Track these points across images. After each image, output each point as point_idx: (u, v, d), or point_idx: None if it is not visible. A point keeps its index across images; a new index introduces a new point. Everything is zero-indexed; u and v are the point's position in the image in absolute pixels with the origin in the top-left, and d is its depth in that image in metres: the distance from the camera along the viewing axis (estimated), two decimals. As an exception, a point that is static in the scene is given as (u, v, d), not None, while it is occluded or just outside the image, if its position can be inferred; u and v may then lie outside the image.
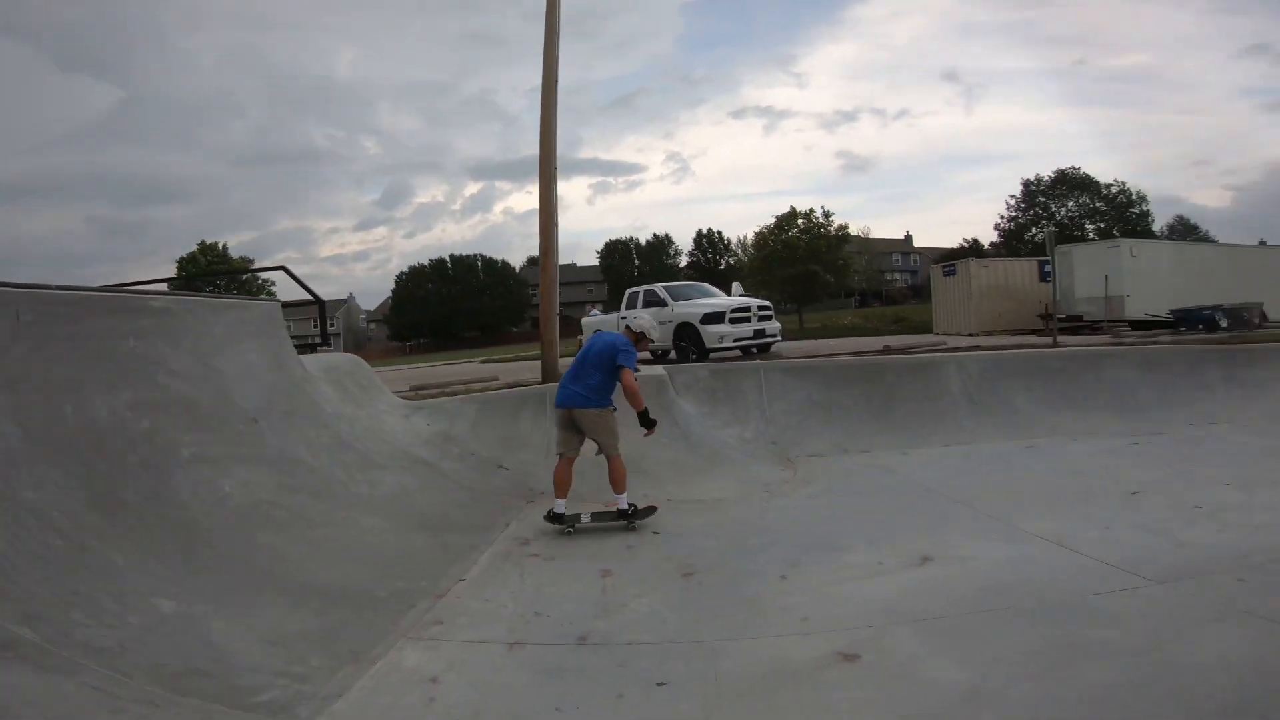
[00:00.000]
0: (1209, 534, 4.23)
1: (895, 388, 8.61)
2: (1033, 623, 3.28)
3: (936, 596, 3.68)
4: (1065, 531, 4.49)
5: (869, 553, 4.50)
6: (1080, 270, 17.44)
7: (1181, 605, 3.29)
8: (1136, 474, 5.77)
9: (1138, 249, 16.90)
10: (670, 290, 14.64)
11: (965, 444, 7.53)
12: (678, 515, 5.82)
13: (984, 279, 20.30)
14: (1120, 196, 53.30)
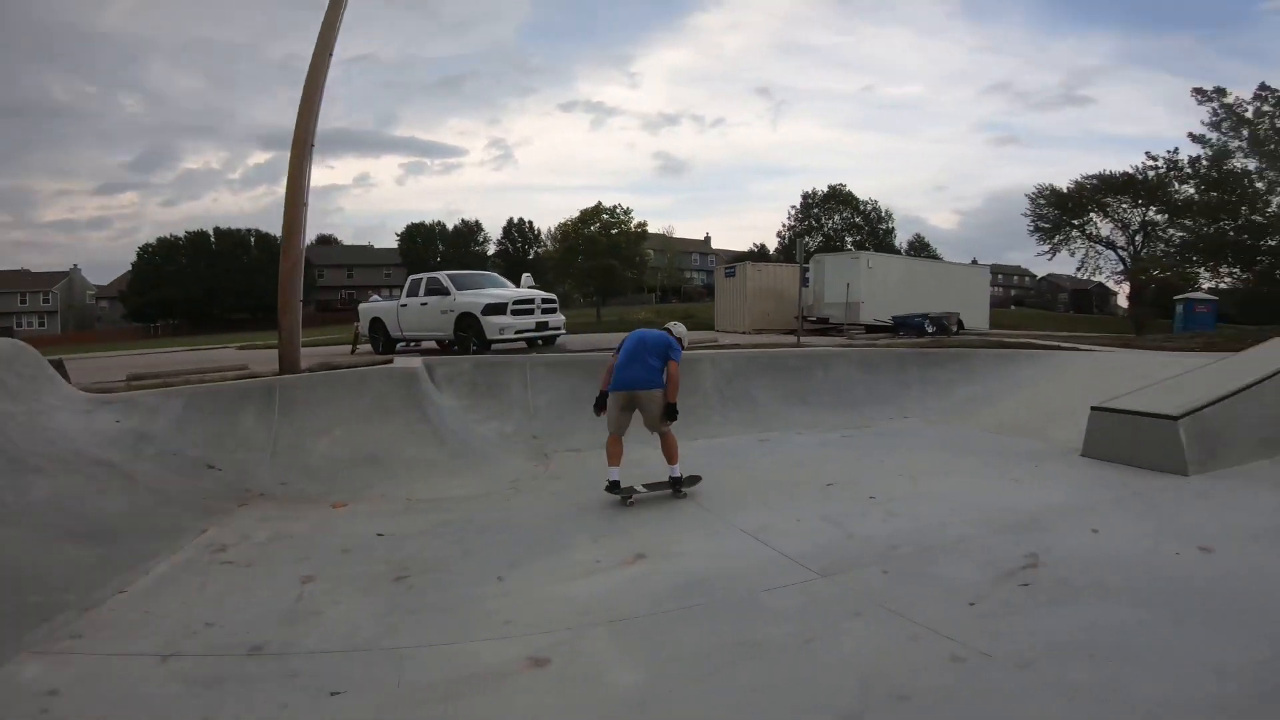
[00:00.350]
0: (875, 524, 4.77)
1: (659, 382, 8.96)
2: (714, 621, 3.42)
3: (640, 595, 3.74)
4: (766, 525, 4.83)
5: (590, 550, 4.53)
6: (829, 278, 19.91)
7: (835, 599, 3.59)
8: (838, 466, 6.51)
9: (873, 261, 19.77)
10: (455, 279, 13.98)
11: (712, 437, 8.04)
12: (410, 516, 5.44)
13: (757, 281, 22.27)
14: (873, 213, 62.37)
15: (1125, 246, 46.15)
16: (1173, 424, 5.61)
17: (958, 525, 4.66)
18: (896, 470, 6.25)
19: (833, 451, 7.12)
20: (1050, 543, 4.21)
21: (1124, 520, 4.61)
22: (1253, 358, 7.41)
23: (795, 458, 6.96)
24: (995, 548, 4.21)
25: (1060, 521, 4.63)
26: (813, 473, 6.28)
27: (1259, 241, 34.43)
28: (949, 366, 10.24)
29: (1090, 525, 4.50)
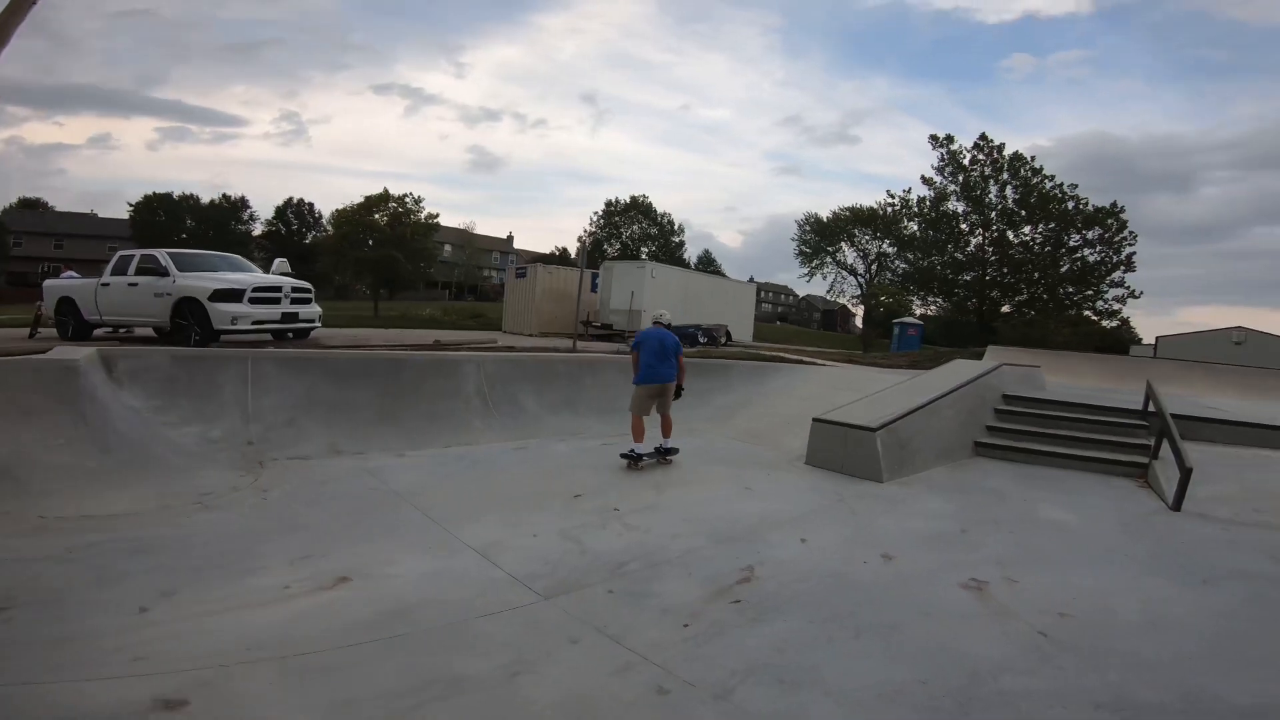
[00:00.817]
0: (611, 538, 4.66)
1: (414, 385, 8.18)
2: (413, 653, 3.01)
3: (329, 625, 3.22)
4: (499, 541, 4.51)
5: (282, 574, 3.82)
6: (616, 285, 20.37)
7: (554, 625, 3.36)
8: (591, 475, 6.37)
9: (657, 271, 20.65)
10: (177, 258, 11.66)
11: (468, 445, 7.50)
12: (38, 537, 4.34)
13: (547, 284, 22.02)
14: (669, 226, 66.04)
15: (864, 274, 54.27)
16: (872, 435, 6.34)
17: (688, 537, 4.73)
18: (648, 478, 6.29)
19: (588, 460, 6.99)
20: (766, 554, 4.42)
21: (829, 528, 5.01)
22: (938, 376, 8.80)
23: (550, 467, 6.70)
24: (717, 560, 4.31)
25: (777, 531, 4.90)
26: (564, 483, 6.06)
27: (958, 276, 42.52)
28: (710, 376, 10.81)
29: (802, 534, 4.83)
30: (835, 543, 4.69)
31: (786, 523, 5.12)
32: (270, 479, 5.85)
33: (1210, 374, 17.71)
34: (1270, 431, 7.64)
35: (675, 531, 4.86)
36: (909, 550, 4.51)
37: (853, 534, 4.89)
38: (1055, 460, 7.10)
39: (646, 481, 6.23)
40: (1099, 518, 5.27)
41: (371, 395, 7.72)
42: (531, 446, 7.54)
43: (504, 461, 6.85)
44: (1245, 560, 4.23)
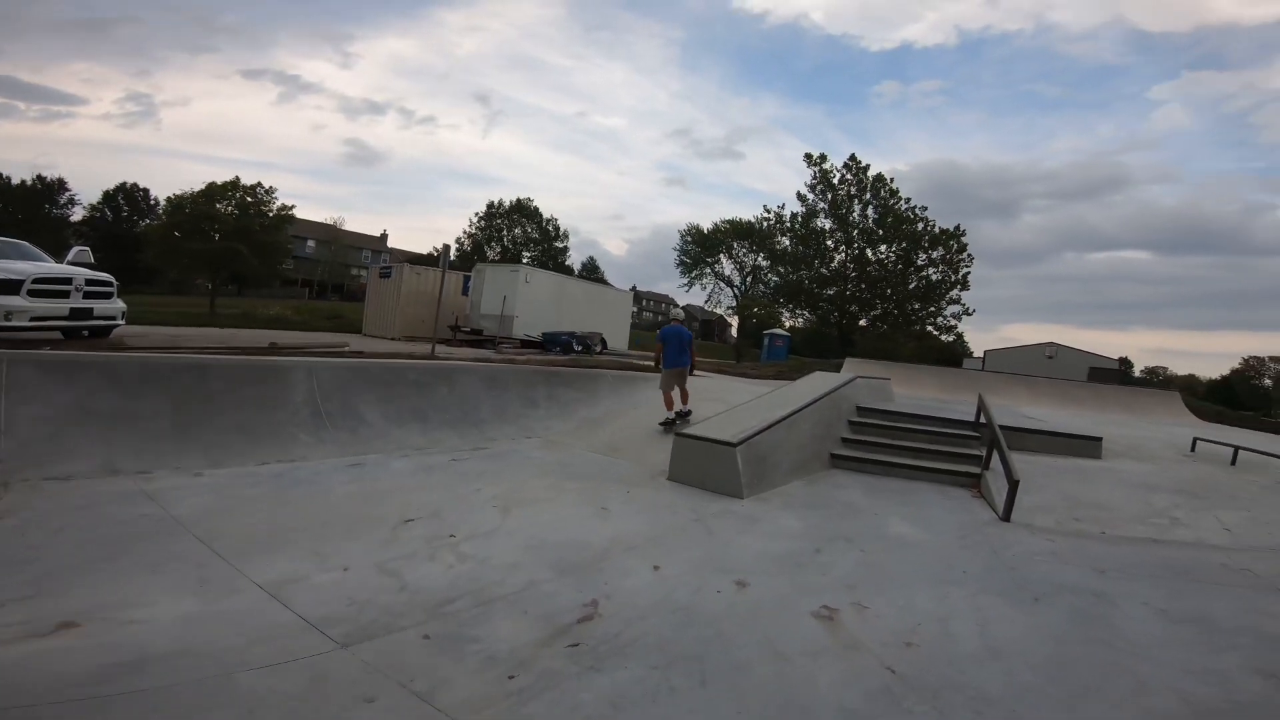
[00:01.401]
0: (439, 571, 4.09)
1: (222, 394, 7.00)
2: (138, 715, 2.40)
3: (31, 678, 2.56)
4: (297, 576, 3.81)
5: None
6: (488, 289, 19.42)
7: (348, 680, 2.79)
8: (431, 496, 5.71)
9: (531, 276, 19.92)
10: (-59, 245, 9.64)
11: (290, 462, 6.52)
12: None
13: (414, 285, 20.64)
14: (553, 230, 65.09)
15: (739, 285, 56.50)
16: (732, 450, 6.19)
17: (531, 567, 4.26)
18: (493, 499, 5.72)
19: (434, 478, 6.30)
20: (614, 585, 4.04)
21: (684, 551, 4.72)
22: (798, 389, 8.94)
23: (384, 487, 5.94)
24: (560, 594, 3.87)
25: (630, 557, 4.54)
26: (396, 505, 5.36)
27: (823, 290, 45.29)
28: (577, 386, 10.39)
29: (655, 559, 4.49)
30: (689, 568, 4.39)
31: (640, 546, 4.77)
32: (11, 503, 4.68)
33: (1029, 386, 19.84)
34: (1080, 441, 8.42)
35: (516, 561, 4.37)
36: (763, 574, 4.31)
37: (708, 557, 4.62)
38: (902, 471, 7.36)
39: (492, 501, 5.66)
40: (940, 531, 5.40)
41: (166, 405, 6.51)
42: (368, 463, 6.70)
43: (329, 481, 5.99)
44: (1069, 573, 4.41)
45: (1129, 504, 6.40)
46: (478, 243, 61.55)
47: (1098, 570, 4.48)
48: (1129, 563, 4.73)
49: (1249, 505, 6.44)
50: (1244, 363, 75.30)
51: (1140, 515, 6.10)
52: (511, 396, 9.49)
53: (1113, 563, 4.71)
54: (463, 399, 8.87)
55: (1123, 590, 4.08)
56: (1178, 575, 4.47)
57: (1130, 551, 5.06)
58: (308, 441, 7.08)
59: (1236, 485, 7.15)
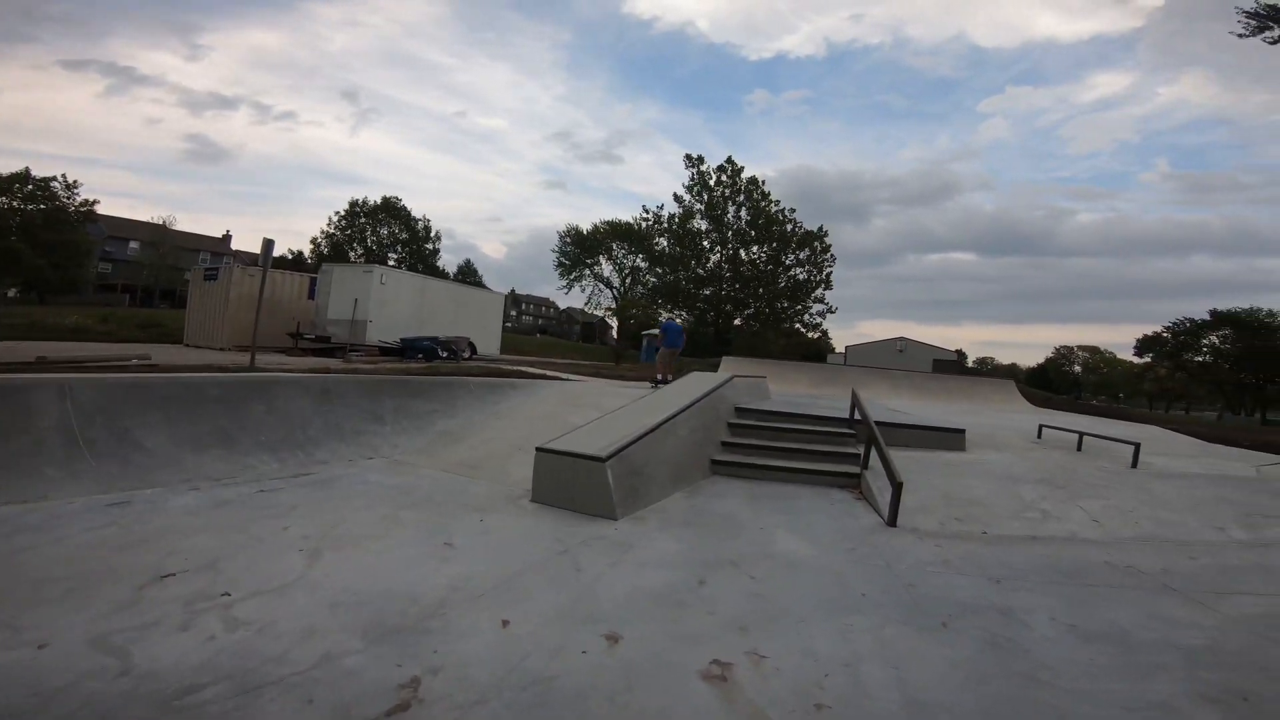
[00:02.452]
0: (190, 644, 2.98)
1: (-73, 427, 5.25)
2: None
3: None
4: None
5: None
6: (336, 291, 17.38)
7: None
8: (212, 541, 4.42)
9: (387, 277, 18.08)
10: None
11: (20, 504, 4.92)
12: None
13: (246, 288, 18.08)
14: (423, 231, 61.46)
15: (619, 287, 56.32)
16: (601, 466, 5.41)
17: (332, 634, 3.22)
18: (301, 541, 4.54)
19: (224, 516, 4.97)
20: (447, 652, 3.10)
21: (544, 595, 3.85)
22: (674, 391, 8.35)
23: (149, 531, 4.56)
24: (365, 672, 2.88)
25: (473, 610, 3.60)
26: (157, 555, 4.07)
27: (699, 290, 46.07)
28: (432, 396, 9.19)
29: (505, 611, 3.59)
30: (548, 620, 3.53)
31: (488, 593, 3.84)
32: None
33: (889, 379, 20.92)
34: (946, 434, 8.50)
35: (313, 625, 3.31)
36: (640, 621, 3.53)
37: (573, 603, 3.78)
38: (783, 475, 6.95)
39: (299, 543, 4.48)
40: (829, 543, 4.93)
41: None
42: (137, 501, 5.22)
43: (70, 527, 4.50)
44: (966, 586, 4.04)
45: (1000, 498, 6.34)
46: (338, 244, 56.86)
47: (992, 580, 4.15)
48: (1018, 567, 4.47)
49: (1106, 493, 6.61)
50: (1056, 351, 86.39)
51: (1013, 510, 6.03)
52: (351, 411, 8.14)
53: (1003, 569, 4.43)
54: (285, 417, 7.43)
55: (1024, 603, 3.74)
56: (1069, 579, 4.24)
57: (1014, 553, 4.85)
58: (54, 477, 5.46)
59: (1089, 473, 7.41)
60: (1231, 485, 7.07)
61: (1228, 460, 9.10)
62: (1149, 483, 7.14)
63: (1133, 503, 6.42)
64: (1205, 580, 4.27)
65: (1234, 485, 7.07)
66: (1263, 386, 50.08)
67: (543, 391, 10.34)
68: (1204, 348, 51.92)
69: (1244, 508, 6.17)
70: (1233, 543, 5.27)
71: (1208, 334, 51.05)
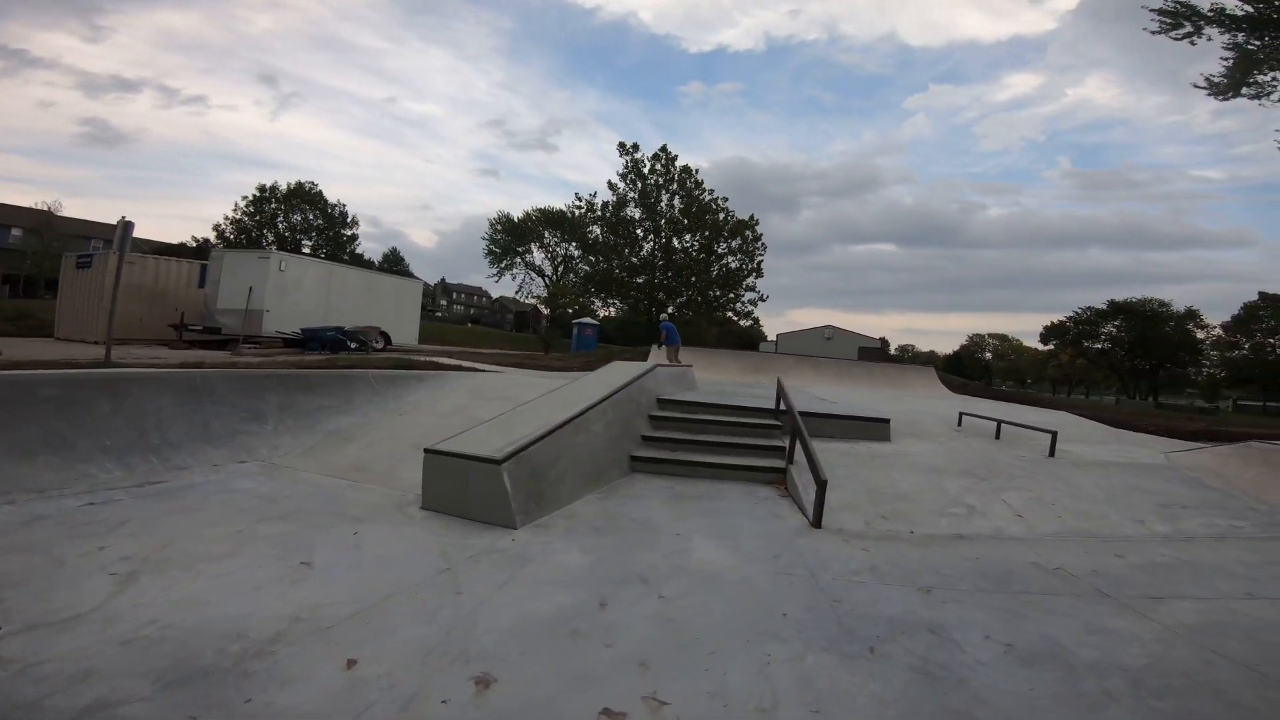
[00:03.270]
0: None
1: None
2: None
3: None
4: None
5: None
6: (227, 279, 15.82)
7: None
8: (6, 561, 3.59)
9: (288, 263, 16.59)
10: None
11: None
12: None
13: (128, 276, 16.29)
14: (339, 217, 58.19)
15: (551, 275, 55.13)
16: (497, 469, 4.78)
17: (113, 678, 2.60)
18: (117, 563, 3.73)
19: (28, 536, 4.04)
20: (261, 703, 2.50)
21: (409, 628, 3.21)
22: (592, 382, 7.78)
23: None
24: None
25: (312, 645, 2.95)
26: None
27: (633, 279, 45.50)
28: (326, 391, 8.27)
29: (355, 647, 2.95)
30: (408, 658, 2.90)
31: (339, 624, 3.18)
32: None
33: (815, 366, 21.05)
34: (871, 424, 8.30)
35: (93, 665, 2.64)
36: (523, 658, 2.95)
37: (443, 635, 3.17)
38: (707, 471, 6.52)
39: (114, 565, 3.67)
40: (751, 551, 4.48)
41: None
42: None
43: None
44: (895, 599, 3.66)
45: (926, 493, 6.11)
46: (244, 229, 53.10)
47: (922, 590, 3.80)
48: (947, 573, 4.15)
49: (1027, 485, 6.49)
50: (969, 339, 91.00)
51: (939, 506, 5.79)
52: (224, 410, 7.17)
53: (933, 575, 4.10)
54: (138, 418, 6.41)
55: (956, 618, 3.39)
56: (999, 587, 3.94)
57: (942, 556, 4.55)
58: None
59: (1009, 462, 7.33)
60: (1145, 473, 7.13)
61: (1137, 446, 9.34)
62: (1067, 472, 7.12)
63: (1053, 494, 6.32)
64: (1136, 583, 4.07)
65: (1147, 473, 7.13)
66: (1155, 371, 54.16)
67: (452, 384, 9.57)
68: (1102, 335, 55.62)
69: (1159, 497, 6.16)
70: (1155, 537, 5.17)
71: (1106, 323, 54.70)
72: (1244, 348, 52.58)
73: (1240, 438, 13.88)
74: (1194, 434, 14.65)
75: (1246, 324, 52.11)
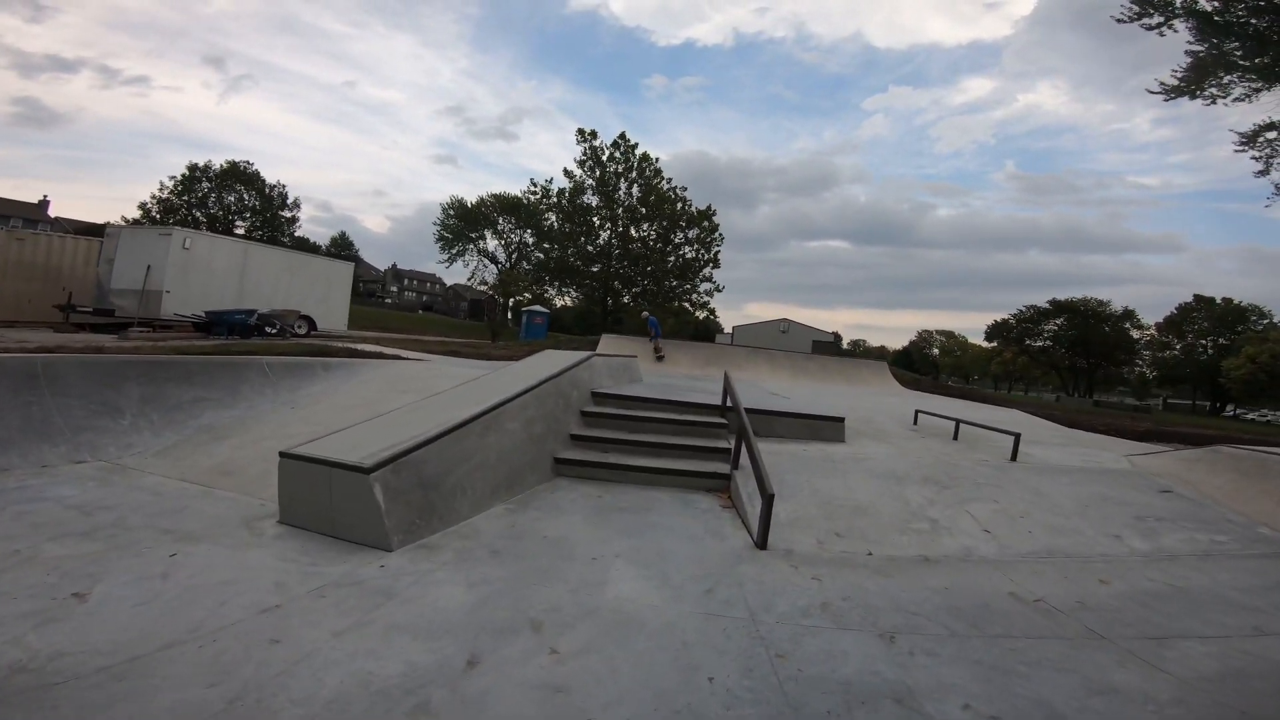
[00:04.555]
0: None
1: None
2: None
3: None
4: None
5: None
6: (124, 258, 14.21)
7: None
8: None
9: (194, 240, 15.01)
10: None
11: None
12: None
13: (13, 254, 14.56)
14: (278, 198, 55.31)
15: (504, 262, 53.50)
16: (365, 478, 3.84)
17: None
18: None
19: None
20: None
21: (173, 697, 2.28)
22: (515, 372, 6.86)
23: None
24: None
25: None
26: None
27: (588, 267, 44.33)
28: (206, 381, 7.13)
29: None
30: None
31: (69, 682, 2.24)
32: None
33: (770, 359, 20.50)
34: (824, 423, 7.62)
35: None
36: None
37: (224, 705, 2.26)
38: (640, 477, 5.71)
39: None
40: (681, 584, 3.67)
41: None
42: None
43: None
44: (854, 651, 2.90)
45: (885, 503, 5.42)
46: (172, 209, 49.79)
47: (885, 637, 3.05)
48: (913, 610, 3.43)
49: (992, 494, 5.89)
50: (918, 335, 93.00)
51: (900, 519, 5.10)
52: (71, 402, 6.00)
53: (897, 614, 3.37)
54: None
55: (927, 679, 2.65)
56: (976, 629, 3.24)
57: (906, 585, 3.84)
58: None
59: (971, 469, 6.74)
60: (1111, 480, 6.62)
61: (1096, 449, 8.94)
62: (1033, 479, 6.56)
63: (1022, 505, 5.71)
64: (1131, 619, 3.42)
65: (1114, 480, 6.63)
66: (1093, 369, 55.99)
67: (365, 374, 8.50)
68: (1044, 333, 57.20)
69: (1132, 509, 5.62)
70: (1136, 556, 4.59)
71: (1048, 321, 56.24)
72: (1175, 348, 54.83)
73: (1187, 438, 13.86)
74: (1142, 434, 14.63)
75: (1179, 325, 54.33)
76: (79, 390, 6.16)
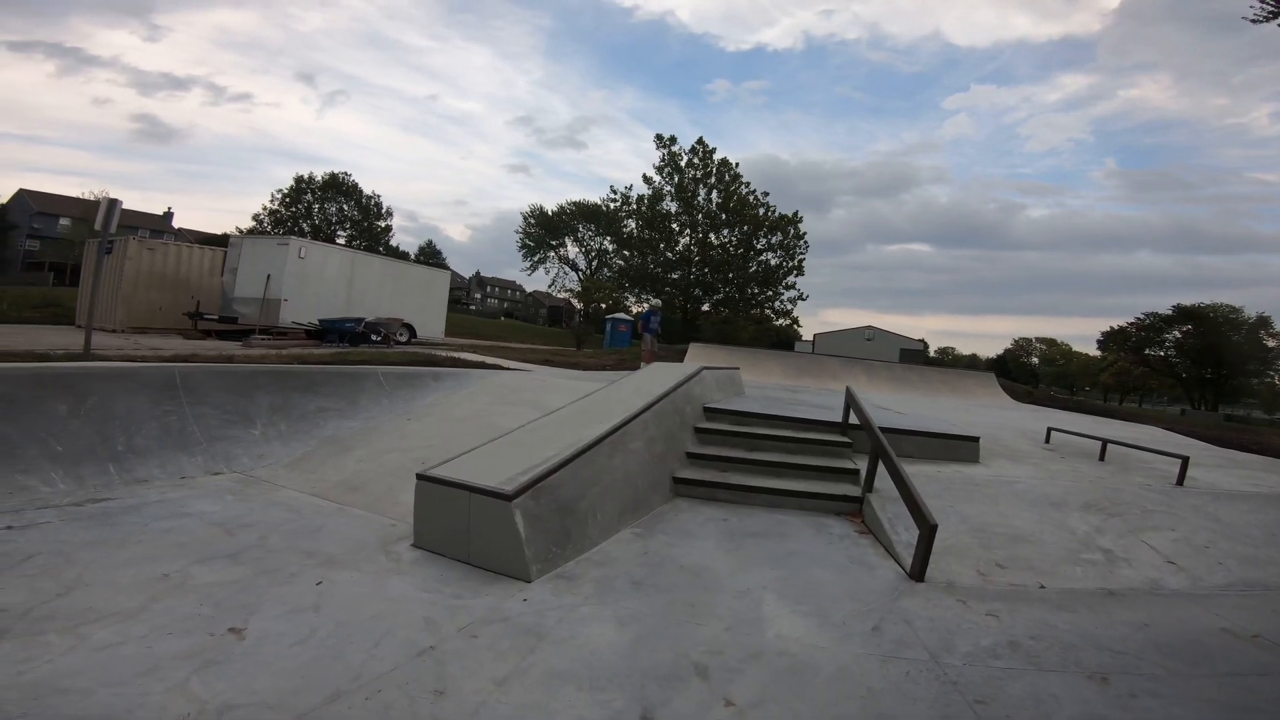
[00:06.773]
0: None
1: None
2: None
3: None
4: None
5: None
6: (245, 267, 15.13)
7: None
8: None
9: (308, 250, 15.83)
10: None
11: None
12: None
13: (146, 264, 15.78)
14: (374, 208, 58.44)
15: (584, 269, 54.21)
16: (507, 505, 3.68)
17: None
18: None
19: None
20: None
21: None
22: (629, 387, 6.65)
23: None
24: None
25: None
26: None
27: (668, 274, 44.21)
28: (328, 391, 7.32)
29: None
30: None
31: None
32: None
33: (866, 369, 19.52)
34: (958, 442, 6.99)
35: None
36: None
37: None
38: (763, 498, 5.35)
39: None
40: (842, 621, 3.29)
41: None
42: None
43: None
44: (1065, 698, 2.45)
45: (1046, 532, 4.83)
46: (281, 220, 53.51)
47: (1096, 679, 2.61)
48: (1117, 649, 2.97)
49: (1168, 522, 5.17)
50: (1015, 343, 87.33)
51: (1068, 551, 4.52)
52: (208, 411, 6.25)
53: (1099, 654, 2.92)
54: (103, 420, 5.52)
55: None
56: (1195, 668, 2.75)
57: (1097, 621, 3.34)
58: None
59: (1135, 493, 5.98)
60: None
61: (1259, 471, 7.87)
62: (1207, 505, 5.76)
63: (1204, 535, 5.00)
64: None
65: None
66: (1222, 382, 50.74)
67: (473, 385, 8.54)
68: (1166, 342, 52.32)
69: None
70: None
71: (1171, 329, 51.40)
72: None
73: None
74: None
75: (1319, 332, 48.36)
76: (214, 400, 6.41)
